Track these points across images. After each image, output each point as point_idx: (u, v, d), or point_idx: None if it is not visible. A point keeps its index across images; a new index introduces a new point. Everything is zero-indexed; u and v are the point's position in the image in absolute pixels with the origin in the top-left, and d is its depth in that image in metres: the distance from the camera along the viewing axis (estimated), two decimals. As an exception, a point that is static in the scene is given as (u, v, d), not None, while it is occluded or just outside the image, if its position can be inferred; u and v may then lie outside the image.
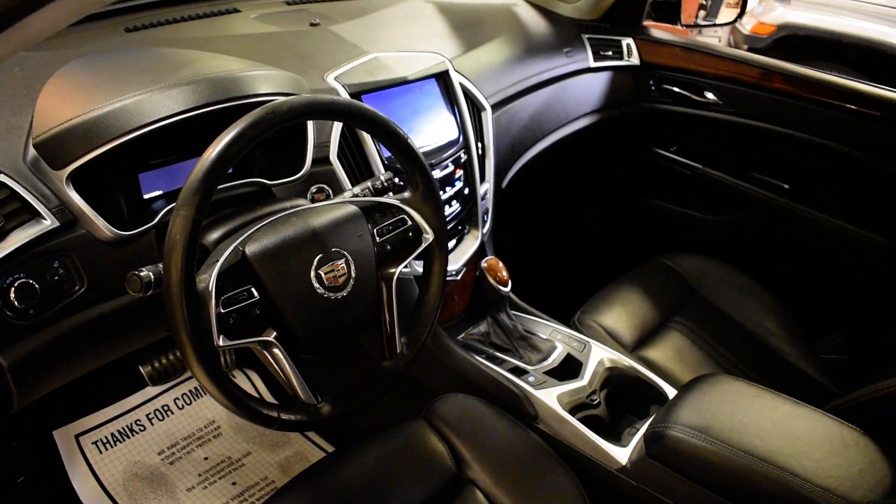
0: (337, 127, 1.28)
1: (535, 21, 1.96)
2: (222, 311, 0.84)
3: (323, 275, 0.93)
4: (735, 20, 2.78)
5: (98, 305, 1.02)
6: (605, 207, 2.47)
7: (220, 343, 0.84)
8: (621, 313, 1.68)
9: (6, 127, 1.01)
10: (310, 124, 1.21)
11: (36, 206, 0.95)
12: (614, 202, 2.43)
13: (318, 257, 0.93)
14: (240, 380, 1.89)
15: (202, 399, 1.82)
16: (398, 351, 1.06)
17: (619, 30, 2.08)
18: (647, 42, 2.08)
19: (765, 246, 2.08)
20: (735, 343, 1.67)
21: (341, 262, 0.95)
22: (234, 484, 1.64)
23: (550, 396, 1.35)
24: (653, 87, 2.10)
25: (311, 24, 1.57)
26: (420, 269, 1.23)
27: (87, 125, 0.96)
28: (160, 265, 0.87)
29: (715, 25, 3.83)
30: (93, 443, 1.66)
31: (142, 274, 0.86)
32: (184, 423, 1.76)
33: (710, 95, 2.01)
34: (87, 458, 1.63)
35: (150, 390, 1.78)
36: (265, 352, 0.90)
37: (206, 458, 1.69)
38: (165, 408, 1.78)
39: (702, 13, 3.85)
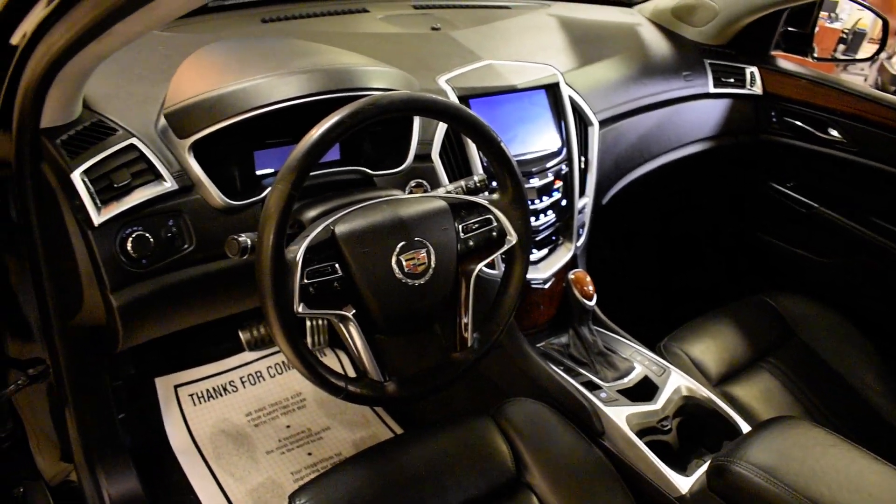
0: (442, 127, 1.34)
1: (656, 42, 1.95)
2: (306, 281, 0.91)
3: (403, 261, 0.98)
4: (873, 57, 2.63)
5: (202, 265, 1.13)
6: (709, 237, 2.41)
7: (300, 310, 0.91)
8: (710, 345, 1.64)
9: (144, 97, 1.14)
10: (416, 122, 1.28)
11: (160, 170, 1.06)
12: (720, 232, 2.37)
13: (400, 244, 0.98)
14: (329, 358, 1.99)
15: (292, 371, 1.93)
16: (469, 345, 1.10)
17: (745, 58, 2.03)
18: (772, 72, 2.02)
19: (876, 295, 1.97)
20: (829, 393, 1.60)
21: (423, 252, 1.00)
22: (309, 454, 1.73)
23: (620, 415, 1.35)
24: (774, 119, 2.03)
25: (433, 29, 1.64)
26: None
27: (212, 101, 1.07)
28: (255, 235, 0.95)
29: (851, 61, 3.62)
30: (189, 395, 1.80)
31: (240, 239, 0.94)
32: (273, 391, 1.88)
33: (833, 132, 1.93)
34: (182, 408, 1.77)
35: (247, 355, 1.90)
36: (341, 325, 0.96)
37: (287, 427, 1.79)
38: (258, 374, 1.90)
39: (841, 47, 3.65)
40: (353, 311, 0.96)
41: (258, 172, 1.21)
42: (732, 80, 1.99)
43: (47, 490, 1.51)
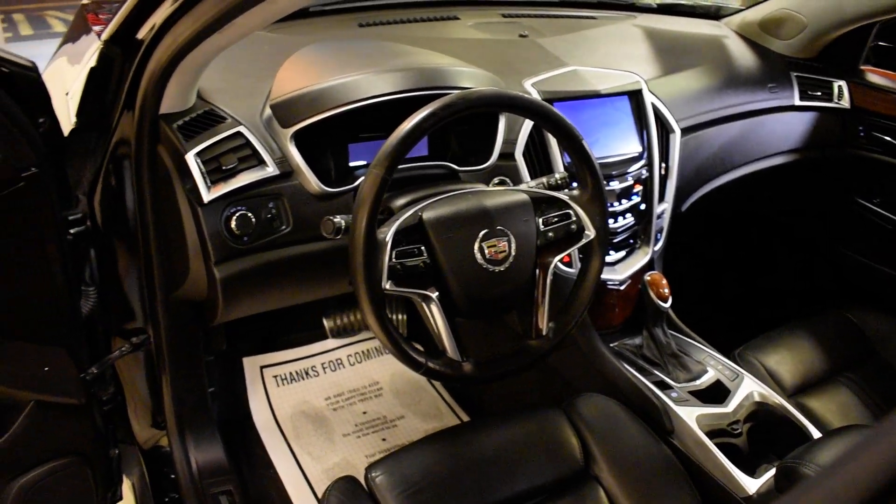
0: (526, 127, 1.39)
1: (742, 54, 1.96)
2: (394, 261, 0.99)
3: (485, 248, 1.04)
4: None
5: (296, 246, 1.22)
6: (788, 248, 2.38)
7: (387, 287, 0.98)
8: (786, 357, 1.63)
9: (251, 90, 1.25)
10: (501, 122, 1.34)
11: (263, 156, 1.16)
12: (799, 244, 2.33)
13: (483, 232, 1.04)
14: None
15: (371, 361, 2.01)
16: (544, 333, 1.15)
17: (833, 71, 2.01)
18: (861, 86, 2.00)
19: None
20: (910, 411, 1.57)
21: (504, 241, 1.06)
22: (383, 440, 1.81)
23: (690, 415, 1.37)
24: (862, 134, 2.00)
25: (521, 36, 1.70)
26: None
27: (315, 94, 1.16)
28: (349, 217, 1.03)
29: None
30: (273, 376, 1.91)
31: (335, 220, 1.03)
32: (351, 378, 1.97)
33: (925, 150, 1.89)
34: (266, 388, 1.88)
35: (329, 343, 2.00)
36: (423, 304, 1.03)
37: (364, 413, 1.88)
38: (338, 361, 1.99)
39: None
40: (436, 292, 1.03)
41: (351, 164, 1.29)
42: (819, 94, 1.98)
43: (140, 453, 1.63)
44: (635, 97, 1.58)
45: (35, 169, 1.04)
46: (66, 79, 1.52)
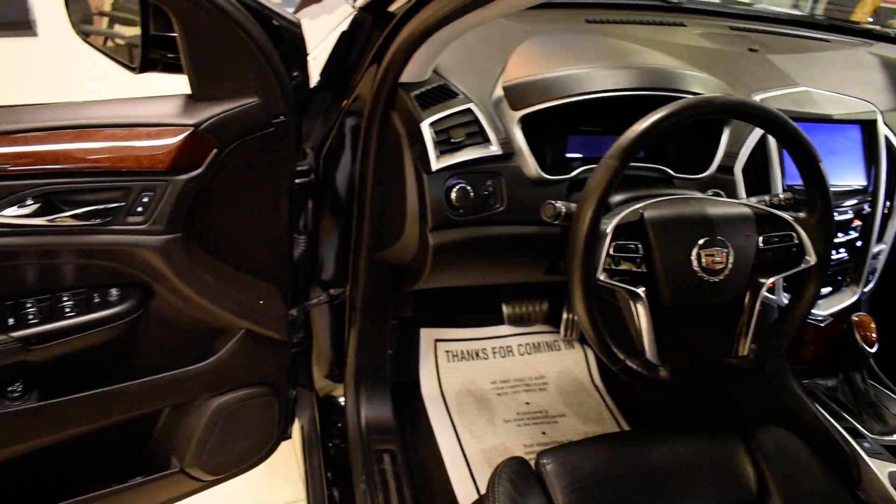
0: (750, 143, 1.36)
1: None
2: (611, 253, 1.00)
3: (703, 256, 1.03)
4: None
5: (507, 226, 1.26)
6: None
7: (601, 278, 0.99)
8: None
9: (482, 71, 1.30)
10: (725, 132, 1.31)
11: (489, 134, 1.21)
12: None
13: (703, 240, 1.03)
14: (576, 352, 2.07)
15: (541, 354, 2.04)
16: (745, 354, 1.12)
17: None
18: None
19: None
20: None
21: (723, 252, 1.04)
22: (543, 434, 1.82)
23: (883, 469, 1.28)
24: None
25: (750, 50, 1.65)
26: (785, 301, 1.25)
27: (547, 82, 1.19)
28: (571, 205, 1.06)
29: None
30: (445, 351, 1.98)
31: (557, 204, 1.05)
32: (519, 367, 2.00)
33: None
34: (437, 361, 1.95)
35: (502, 329, 2.05)
36: (630, 301, 1.04)
37: (527, 403, 1.90)
38: (508, 348, 2.03)
39: None
40: (645, 291, 1.03)
41: (568, 155, 1.32)
42: None
43: (315, 399, 1.75)
44: (868, 127, 1.49)
45: (284, 117, 1.14)
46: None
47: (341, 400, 1.69)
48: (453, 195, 1.20)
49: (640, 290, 1.02)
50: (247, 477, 1.51)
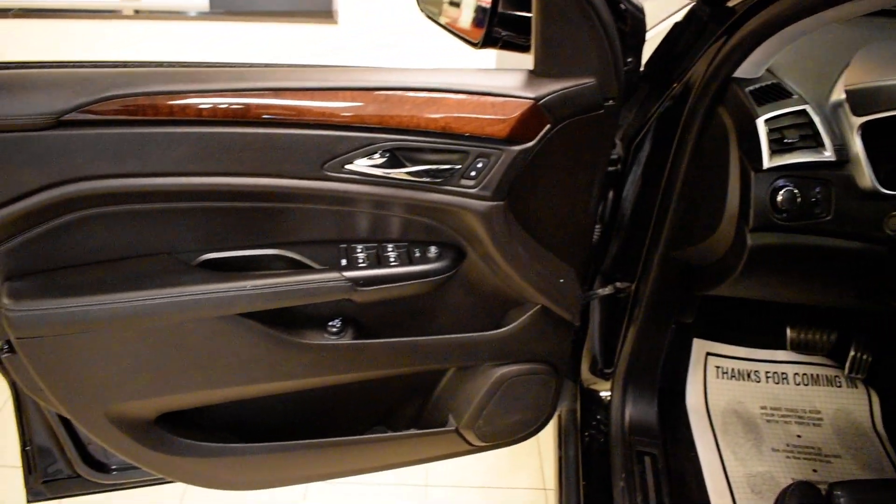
0: None
1: None
2: None
3: None
4: None
5: (832, 238, 1.19)
6: None
7: None
8: None
9: (819, 74, 1.24)
10: None
11: (823, 139, 1.15)
12: None
13: None
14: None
15: (819, 388, 1.89)
16: None
17: None
18: None
19: None
20: None
21: None
22: (814, 471, 1.70)
23: None
24: None
25: None
26: None
27: None
28: None
29: None
30: (716, 366, 1.91)
31: None
32: (792, 397, 1.87)
33: None
34: (706, 374, 1.89)
35: (779, 354, 1.93)
36: None
37: (798, 436, 1.78)
38: (783, 375, 1.91)
39: None
40: None
41: None
42: None
43: (578, 390, 1.76)
44: None
45: (613, 101, 1.16)
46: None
47: (604, 394, 1.69)
48: (779, 197, 1.15)
49: None
50: (487, 457, 1.54)
